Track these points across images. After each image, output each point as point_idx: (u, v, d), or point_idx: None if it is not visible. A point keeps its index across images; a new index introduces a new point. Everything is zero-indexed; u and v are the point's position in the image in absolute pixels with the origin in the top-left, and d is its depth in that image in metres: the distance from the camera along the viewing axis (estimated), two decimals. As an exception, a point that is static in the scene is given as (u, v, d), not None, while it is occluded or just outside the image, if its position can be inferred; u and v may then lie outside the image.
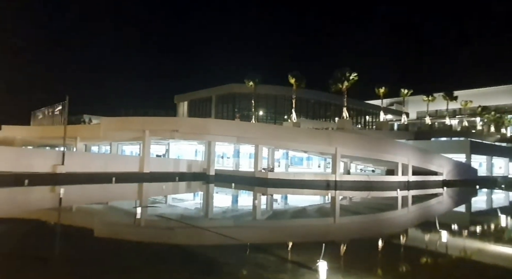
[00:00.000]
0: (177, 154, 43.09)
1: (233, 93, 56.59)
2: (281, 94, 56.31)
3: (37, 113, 52.85)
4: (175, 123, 33.75)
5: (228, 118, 54.21)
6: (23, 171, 25.24)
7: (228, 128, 33.58)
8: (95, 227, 13.33)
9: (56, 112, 43.57)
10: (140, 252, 9.56)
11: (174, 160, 35.81)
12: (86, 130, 40.48)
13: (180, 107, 63.91)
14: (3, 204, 18.50)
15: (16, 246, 9.77)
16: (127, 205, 20.02)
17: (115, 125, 33.77)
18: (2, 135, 46.03)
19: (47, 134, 42.97)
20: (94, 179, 27.59)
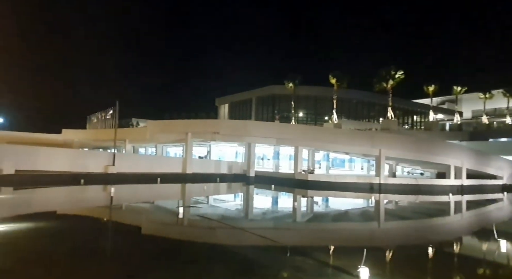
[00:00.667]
0: (218, 156, 44.04)
1: (273, 94, 56.62)
2: (322, 95, 55.22)
3: (92, 117, 57.15)
4: (216, 125, 34.56)
5: (268, 120, 54.34)
6: (79, 171, 27.40)
7: (267, 130, 33.63)
8: (143, 225, 14.03)
9: (108, 116, 46.86)
10: (181, 251, 9.87)
11: (215, 161, 36.64)
12: (134, 133, 42.90)
13: (221, 110, 65.35)
14: (63, 202, 20.31)
15: (74, 240, 10.60)
16: (171, 204, 20.83)
17: (160, 128, 35.42)
18: (63, 138, 50.45)
19: (100, 137, 46.35)
20: (141, 179, 29.11)
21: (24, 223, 12.70)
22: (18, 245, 9.51)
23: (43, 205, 18.65)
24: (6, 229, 11.47)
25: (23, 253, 8.65)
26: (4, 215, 14.45)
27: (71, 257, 8.60)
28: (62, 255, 8.75)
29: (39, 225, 12.60)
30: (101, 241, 10.60)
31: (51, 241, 10.23)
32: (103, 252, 9.27)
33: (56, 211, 16.95)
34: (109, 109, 47.16)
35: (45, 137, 50.34)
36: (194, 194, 26.23)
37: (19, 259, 8.16)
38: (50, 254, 8.77)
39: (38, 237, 10.75)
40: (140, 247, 9.97)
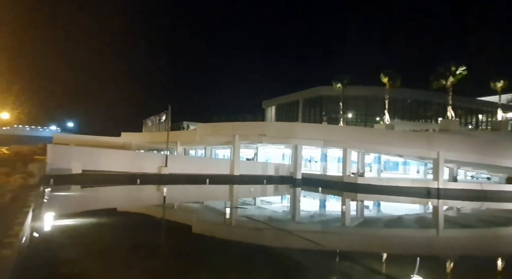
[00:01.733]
0: (265, 158, 44.28)
1: (320, 96, 55.48)
2: (372, 95, 52.77)
3: (147, 121, 61.09)
4: (263, 127, 34.78)
5: (315, 121, 53.30)
6: (136, 171, 29.39)
7: (314, 132, 33.02)
8: (193, 224, 14.59)
9: (161, 120, 49.74)
10: (228, 250, 10.06)
11: (262, 163, 36.90)
12: (184, 136, 44.92)
13: (268, 112, 65.67)
14: (123, 200, 22.00)
15: (131, 236, 11.38)
16: (219, 205, 21.38)
17: (209, 131, 36.63)
18: (122, 141, 54.60)
19: (154, 139, 49.33)
20: (191, 180, 30.33)
21: (91, 218, 13.94)
22: (86, 238, 10.46)
23: (106, 202, 20.36)
24: (76, 223, 12.67)
25: (90, 246, 9.49)
26: (74, 210, 16.02)
27: (129, 251, 9.23)
28: (121, 249, 9.44)
29: (103, 220, 13.74)
30: (155, 238, 11.24)
31: (112, 236, 11.11)
32: (156, 248, 9.82)
33: (117, 208, 18.37)
34: (162, 113, 50.03)
35: (107, 140, 54.91)
36: (241, 195, 26.62)
37: (87, 251, 8.94)
38: (112, 248, 9.51)
39: (102, 231, 11.72)
40: (190, 245, 10.37)
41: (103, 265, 7.77)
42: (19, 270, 5.92)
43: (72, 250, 8.82)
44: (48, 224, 11.34)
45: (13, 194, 7.95)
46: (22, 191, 9.75)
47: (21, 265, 6.26)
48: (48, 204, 15.93)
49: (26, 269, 6.36)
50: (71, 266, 7.40)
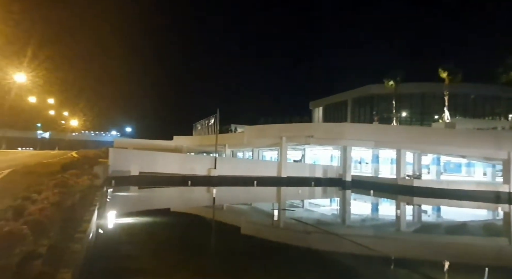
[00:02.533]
0: (313, 159, 43.51)
1: (370, 95, 53.08)
2: (429, 92, 49.11)
3: (197, 124, 63.53)
4: (310, 129, 34.20)
5: (365, 122, 51.11)
6: (187, 173, 30.69)
7: (364, 132, 31.67)
8: (242, 225, 14.84)
9: (210, 123, 51.42)
10: (276, 252, 10.05)
11: (309, 165, 36.33)
12: (232, 138, 45.87)
13: (315, 113, 64.51)
14: (175, 201, 23.18)
15: (182, 236, 11.93)
16: (267, 207, 21.48)
17: (256, 133, 36.97)
18: (174, 144, 57.45)
19: (203, 142, 51.10)
20: (239, 182, 30.86)
21: (148, 217, 14.88)
22: (144, 235, 11.19)
23: (161, 203, 21.58)
24: (135, 222, 13.61)
25: (148, 243, 10.13)
26: (133, 209, 17.23)
27: (182, 249, 9.67)
28: (175, 247, 9.93)
29: (159, 219, 14.59)
30: (207, 238, 11.64)
31: (167, 234, 11.74)
32: (206, 247, 10.15)
33: (172, 208, 19.35)
34: (210, 117, 51.68)
35: (161, 143, 58.14)
36: (289, 197, 26.46)
37: (145, 248, 9.56)
38: (166, 245, 10.05)
39: (158, 229, 12.46)
40: (239, 246, 10.56)
41: (159, 261, 8.22)
42: (88, 262, 6.49)
43: (132, 246, 9.47)
44: (111, 221, 12.31)
45: (81, 193, 8.73)
46: (89, 191, 10.68)
47: (89, 258, 6.85)
48: (110, 203, 17.32)
49: (93, 262, 6.96)
50: (131, 261, 7.95)
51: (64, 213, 6.41)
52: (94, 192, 13.08)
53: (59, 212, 5.57)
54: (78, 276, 5.05)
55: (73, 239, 5.96)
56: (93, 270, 6.39)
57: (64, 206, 6.60)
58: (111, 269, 7.21)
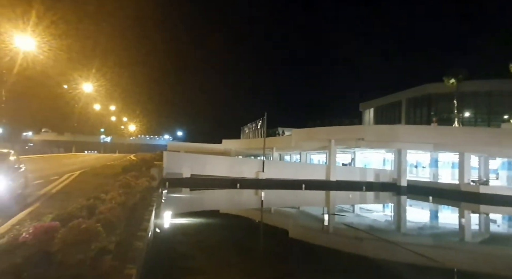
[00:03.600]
0: (364, 163, 41.82)
1: (427, 94, 49.52)
2: (498, 90, 44.47)
3: (244, 128, 64.64)
4: (360, 131, 32.94)
5: (421, 123, 47.81)
6: (236, 176, 31.30)
7: (421, 135, 29.67)
8: (290, 229, 14.74)
9: (257, 127, 51.97)
10: (325, 258, 9.80)
11: (360, 169, 34.95)
12: (280, 142, 45.89)
13: (365, 115, 61.93)
14: (225, 203, 23.80)
15: (232, 237, 12.17)
16: (315, 211, 21.08)
17: (304, 136, 36.55)
18: (223, 147, 59.06)
19: (251, 145, 51.79)
20: (287, 185, 30.71)
21: (200, 218, 15.47)
22: (198, 235, 11.65)
23: (212, 204, 22.30)
24: (189, 222, 14.22)
25: (202, 243, 10.52)
26: (186, 210, 18.03)
27: (232, 250, 9.87)
28: (226, 248, 10.17)
29: (210, 220, 15.10)
30: (255, 240, 11.75)
31: (218, 234, 12.07)
32: (256, 249, 10.24)
33: (222, 210, 19.90)
34: (258, 120, 52.22)
35: (210, 146, 60.13)
36: (339, 201, 25.69)
37: (199, 247, 9.94)
38: (218, 245, 10.33)
39: (210, 230, 12.89)
40: (287, 250, 10.49)
41: (213, 261, 8.47)
42: (148, 259, 6.91)
43: (186, 246, 9.89)
44: (166, 221, 12.99)
45: (141, 194, 9.33)
46: (147, 192, 11.36)
47: (149, 255, 7.29)
48: (165, 203, 18.29)
49: (152, 259, 7.39)
50: (187, 260, 8.31)
51: (127, 212, 6.90)
52: (151, 193, 13.90)
53: (124, 211, 6.01)
54: (141, 271, 5.39)
55: (136, 237, 6.39)
56: (153, 266, 6.78)
57: (128, 206, 7.10)
58: (169, 267, 7.59)
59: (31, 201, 8.63)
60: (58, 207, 7.16)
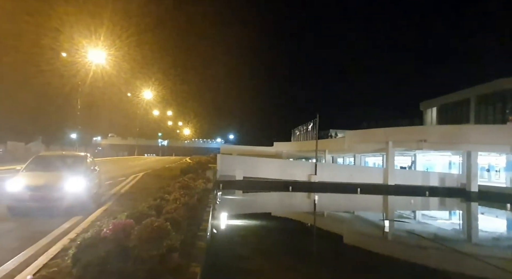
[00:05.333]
0: (425, 166, 38.87)
1: (501, 91, 44.42)
2: None
3: (295, 130, 64.20)
4: (422, 132, 30.66)
5: (494, 122, 43.12)
6: (288, 178, 31.13)
7: (495, 135, 26.73)
8: (345, 233, 14.23)
9: (308, 129, 51.22)
10: (385, 266, 9.24)
11: (422, 173, 32.52)
12: (333, 144, 44.67)
13: (427, 115, 57.48)
14: (278, 205, 23.82)
15: (286, 240, 12.09)
16: (372, 216, 20.09)
17: (358, 138, 35.11)
18: (275, 150, 59.25)
19: (302, 148, 51.18)
20: (341, 188, 29.72)
21: (254, 220, 15.67)
22: (252, 237, 11.80)
23: (265, 207, 22.49)
24: (243, 224, 14.47)
25: (256, 244, 10.64)
26: (240, 212, 18.41)
27: (288, 253, 9.80)
28: (280, 251, 10.13)
29: (264, 223, 15.22)
30: (309, 244, 11.54)
31: (272, 237, 12.09)
32: (311, 254, 10.03)
33: (276, 212, 19.92)
34: (309, 122, 51.46)
35: (262, 149, 60.72)
36: (398, 207, 24.18)
37: (255, 249, 10.05)
38: (272, 248, 10.34)
39: (264, 232, 12.98)
40: (343, 256, 10.11)
41: (270, 264, 8.48)
42: (209, 259, 7.15)
43: (243, 246, 10.06)
44: (222, 222, 13.35)
45: (198, 195, 9.69)
46: (203, 193, 11.79)
47: (210, 255, 7.54)
48: (220, 205, 18.81)
49: (213, 258, 7.63)
50: (245, 260, 8.43)
51: (188, 212, 7.22)
52: (207, 194, 14.41)
53: (186, 211, 6.30)
54: (204, 270, 5.58)
55: (197, 236, 6.64)
56: (213, 266, 6.98)
57: (188, 206, 7.43)
58: (228, 267, 7.76)
59: (104, 200, 9.46)
60: (127, 206, 7.75)
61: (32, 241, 5.21)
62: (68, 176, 7.78)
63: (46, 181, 7.49)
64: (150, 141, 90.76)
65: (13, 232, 6.02)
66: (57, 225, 6.28)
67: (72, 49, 24.35)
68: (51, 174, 7.81)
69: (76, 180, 7.79)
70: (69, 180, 7.64)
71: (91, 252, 3.24)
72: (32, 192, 7.20)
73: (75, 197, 7.53)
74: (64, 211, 7.13)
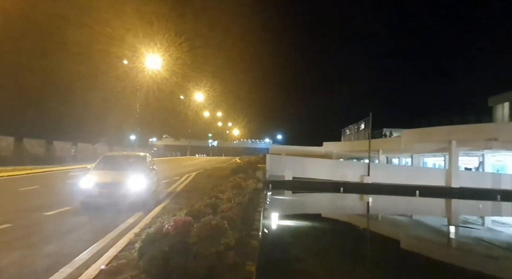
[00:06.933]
0: (496, 167, 35.09)
1: None
2: None
3: (345, 130, 62.17)
4: (493, 130, 27.69)
5: None
6: (338, 179, 30.19)
7: None
8: (402, 238, 13.39)
9: (360, 128, 49.21)
10: (453, 277, 8.48)
11: (492, 174, 29.40)
12: (387, 143, 42.38)
13: (497, 111, 51.76)
14: (330, 206, 23.24)
15: (338, 242, 11.72)
16: (434, 220, 18.65)
17: (416, 137, 32.85)
18: (324, 150, 57.93)
19: (353, 148, 49.31)
20: (397, 191, 28.05)
21: (304, 221, 15.45)
22: (304, 238, 11.64)
23: (316, 208, 22.13)
24: (294, 224, 14.35)
25: (309, 246, 10.48)
26: (290, 212, 18.30)
27: (342, 257, 9.48)
28: (333, 254, 9.84)
29: (315, 224, 14.90)
30: (363, 247, 11.04)
31: (324, 239, 11.81)
32: (366, 258, 9.58)
33: (327, 214, 19.45)
34: (361, 121, 49.45)
35: (311, 149, 59.69)
36: (464, 212, 22.17)
37: (307, 250, 9.91)
38: (326, 251, 10.09)
39: (315, 233, 12.71)
40: (401, 261, 9.51)
41: (322, 265, 8.28)
42: (262, 258, 7.18)
43: (295, 247, 9.96)
44: (273, 222, 13.36)
45: (249, 195, 9.80)
46: (254, 193, 11.91)
47: (262, 254, 7.58)
48: (270, 205, 18.85)
49: (265, 258, 7.65)
50: (297, 261, 8.34)
51: (241, 212, 7.33)
52: (258, 194, 14.55)
53: (239, 210, 6.39)
54: (259, 269, 5.61)
55: (250, 235, 6.70)
56: (266, 266, 7.00)
57: (241, 205, 7.54)
58: (281, 267, 7.72)
59: (162, 198, 10.01)
60: (183, 204, 8.10)
61: (103, 234, 5.67)
62: (131, 174, 8.37)
63: (113, 179, 8.14)
64: (201, 141, 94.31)
65: (86, 225, 6.63)
66: (123, 220, 6.78)
67: (133, 56, 26.40)
68: (116, 173, 8.46)
69: (138, 178, 8.34)
70: (132, 178, 8.21)
71: (155, 247, 3.42)
72: (101, 189, 7.87)
73: (137, 194, 8.07)
74: (127, 207, 7.68)
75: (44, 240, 5.44)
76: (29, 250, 4.87)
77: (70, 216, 7.30)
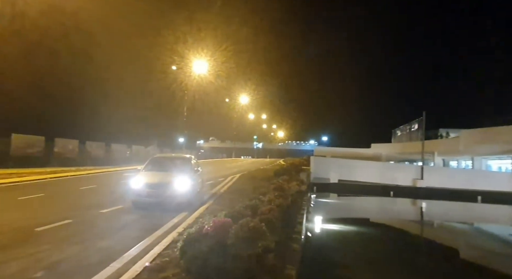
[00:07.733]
0: None
1: None
2: None
3: (396, 131, 58.91)
4: None
5: None
6: (388, 183, 28.61)
7: None
8: (461, 247, 12.32)
9: (413, 129, 46.29)
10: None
11: None
12: (443, 145, 39.39)
13: None
14: (379, 211, 22.13)
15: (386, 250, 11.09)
16: (500, 229, 16.87)
17: (478, 138, 30.07)
18: (372, 152, 55.37)
19: (405, 150, 46.47)
20: (454, 196, 25.85)
21: (350, 225, 14.89)
22: (349, 243, 11.21)
23: (364, 212, 21.17)
24: (338, 229, 13.90)
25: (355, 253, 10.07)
26: (335, 216, 17.75)
27: (392, 265, 8.95)
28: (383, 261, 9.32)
29: (362, 229, 14.30)
30: (416, 256, 10.31)
31: (372, 245, 11.26)
32: (419, 268, 8.93)
33: (376, 219, 18.57)
34: (413, 121, 46.52)
35: (358, 151, 57.39)
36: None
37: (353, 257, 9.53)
38: (373, 258, 9.60)
39: (364, 239, 12.19)
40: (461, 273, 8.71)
41: (370, 274, 7.88)
42: (304, 262, 7.03)
43: (340, 253, 9.60)
44: (317, 226, 13.04)
45: (292, 197, 9.66)
46: (297, 195, 11.73)
47: (304, 258, 7.42)
48: (314, 208, 18.46)
49: (307, 262, 7.48)
50: (341, 268, 8.02)
51: (282, 214, 7.25)
52: (301, 196, 14.32)
53: (280, 213, 6.33)
54: (299, 273, 5.50)
55: (292, 239, 6.60)
56: (308, 271, 6.84)
57: (283, 208, 7.47)
58: (323, 273, 7.50)
59: (206, 199, 10.29)
60: (226, 205, 8.25)
61: (150, 232, 5.98)
62: (177, 175, 8.72)
63: (160, 180, 8.55)
64: (246, 143, 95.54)
65: (136, 223, 7.04)
66: (168, 219, 7.09)
67: (181, 62, 27.75)
68: (164, 174, 8.87)
69: (183, 179, 8.66)
70: (178, 179, 8.56)
71: (195, 247, 3.50)
72: (149, 189, 8.31)
73: (182, 194, 8.38)
74: (174, 207, 8.01)
75: (99, 235, 5.88)
76: (85, 244, 5.29)
77: (122, 214, 7.80)
